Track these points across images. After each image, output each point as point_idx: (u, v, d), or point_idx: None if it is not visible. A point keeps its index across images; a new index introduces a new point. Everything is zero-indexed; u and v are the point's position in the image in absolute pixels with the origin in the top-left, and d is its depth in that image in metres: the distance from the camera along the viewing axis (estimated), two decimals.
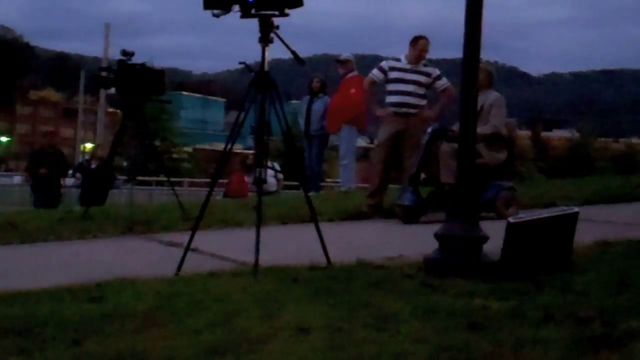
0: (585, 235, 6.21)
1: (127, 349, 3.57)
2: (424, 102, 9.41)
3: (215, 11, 5.69)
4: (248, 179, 16.07)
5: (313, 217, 5.78)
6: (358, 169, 13.50)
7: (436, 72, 9.43)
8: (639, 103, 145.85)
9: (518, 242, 5.31)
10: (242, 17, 5.59)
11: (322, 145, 13.58)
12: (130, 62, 8.71)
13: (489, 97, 8.81)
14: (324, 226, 6.08)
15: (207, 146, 49.91)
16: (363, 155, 14.72)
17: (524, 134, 24.86)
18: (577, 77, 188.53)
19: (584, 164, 21.59)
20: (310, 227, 5.80)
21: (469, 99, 5.78)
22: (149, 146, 9.61)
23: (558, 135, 34.31)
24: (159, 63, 9.30)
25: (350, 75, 12.59)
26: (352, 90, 11.77)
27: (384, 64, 9.59)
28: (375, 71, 9.57)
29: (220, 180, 15.78)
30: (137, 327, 3.95)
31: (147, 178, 22.44)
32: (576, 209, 5.74)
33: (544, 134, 30.00)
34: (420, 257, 5.64)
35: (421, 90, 9.31)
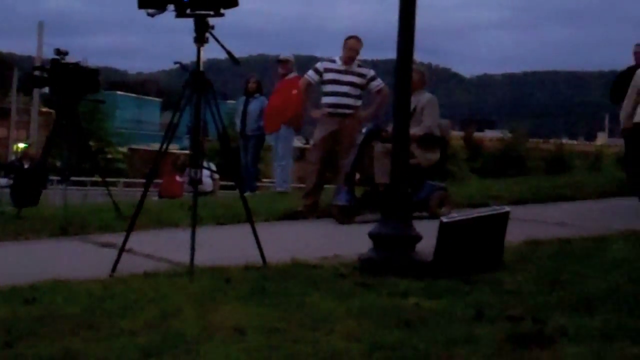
0: (516, 234, 6.33)
1: (61, 351, 3.54)
2: (358, 102, 9.47)
3: (150, 10, 5.66)
4: (179, 179, 15.99)
5: (249, 218, 5.80)
6: (294, 169, 13.52)
7: (371, 73, 9.50)
8: (569, 104, 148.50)
9: (450, 241, 5.40)
10: (177, 16, 5.58)
11: (258, 145, 13.59)
12: (64, 61, 8.61)
13: (422, 98, 8.92)
14: (260, 226, 6.10)
15: (142, 146, 49.32)
16: (299, 155, 14.75)
17: (456, 134, 25.24)
18: (509, 78, 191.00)
19: (515, 164, 21.93)
20: (246, 228, 5.81)
21: (403, 99, 5.85)
22: (83, 146, 9.51)
23: (490, 136, 34.83)
24: (93, 62, 9.20)
25: (291, 75, 12.60)
26: (294, 92, 11.78)
27: (319, 65, 9.64)
28: (310, 72, 9.62)
29: (156, 181, 15.68)
30: (71, 329, 3.92)
31: (81, 178, 22.15)
32: (507, 209, 5.85)
33: (477, 134, 30.44)
34: (355, 257, 5.69)
35: (356, 91, 9.37)
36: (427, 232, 5.59)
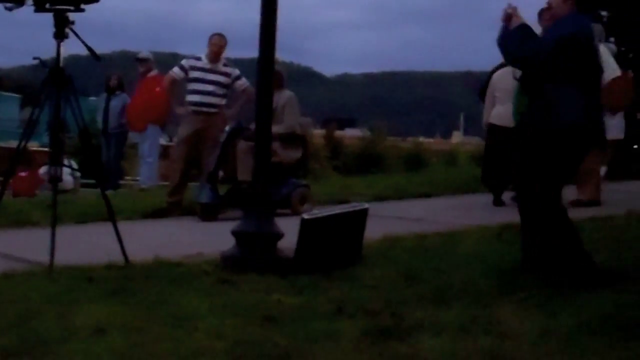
0: (375, 230, 6.49)
1: None
2: (223, 101, 9.48)
3: (8, 4, 5.52)
4: (23, 174, 15.55)
5: (110, 216, 5.73)
6: (158, 167, 13.40)
7: (236, 72, 9.53)
8: (426, 103, 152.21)
9: (312, 237, 5.49)
10: (36, 11, 5.47)
11: (120, 142, 13.42)
12: None
13: (282, 97, 9.01)
14: (123, 225, 6.04)
15: (0, 143, 47.55)
16: (163, 153, 14.62)
17: (318, 133, 25.49)
18: (369, 78, 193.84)
19: (375, 162, 22.29)
20: (108, 226, 5.74)
21: (265, 98, 5.92)
22: None
23: (351, 134, 35.28)
24: None
25: (151, 73, 12.50)
26: (158, 89, 11.66)
27: (184, 62, 9.62)
28: (176, 69, 9.57)
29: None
30: None
31: None
32: (366, 205, 6.00)
33: (338, 133, 30.77)
34: (218, 254, 5.72)
35: (221, 90, 9.39)
36: (290, 229, 5.67)
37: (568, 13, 5.29)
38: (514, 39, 5.28)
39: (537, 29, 5.40)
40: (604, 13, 15.58)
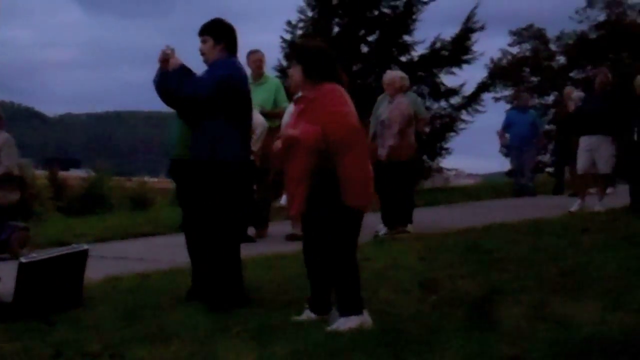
0: (97, 271, 6.49)
1: None
2: None
3: None
4: None
5: None
6: None
7: None
8: (150, 143, 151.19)
9: (30, 281, 5.41)
10: None
11: None
12: None
13: None
14: None
15: None
16: None
17: (41, 173, 24.82)
18: (92, 117, 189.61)
19: (100, 202, 21.97)
20: None
21: None
22: None
23: (75, 175, 34.44)
24: None
25: None
26: None
27: None
28: None
29: None
30: None
31: None
32: (86, 247, 5.99)
33: (62, 173, 29.93)
34: None
35: None
36: (8, 274, 5.55)
37: (220, 57, 5.69)
38: (173, 79, 5.59)
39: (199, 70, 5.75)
40: None
